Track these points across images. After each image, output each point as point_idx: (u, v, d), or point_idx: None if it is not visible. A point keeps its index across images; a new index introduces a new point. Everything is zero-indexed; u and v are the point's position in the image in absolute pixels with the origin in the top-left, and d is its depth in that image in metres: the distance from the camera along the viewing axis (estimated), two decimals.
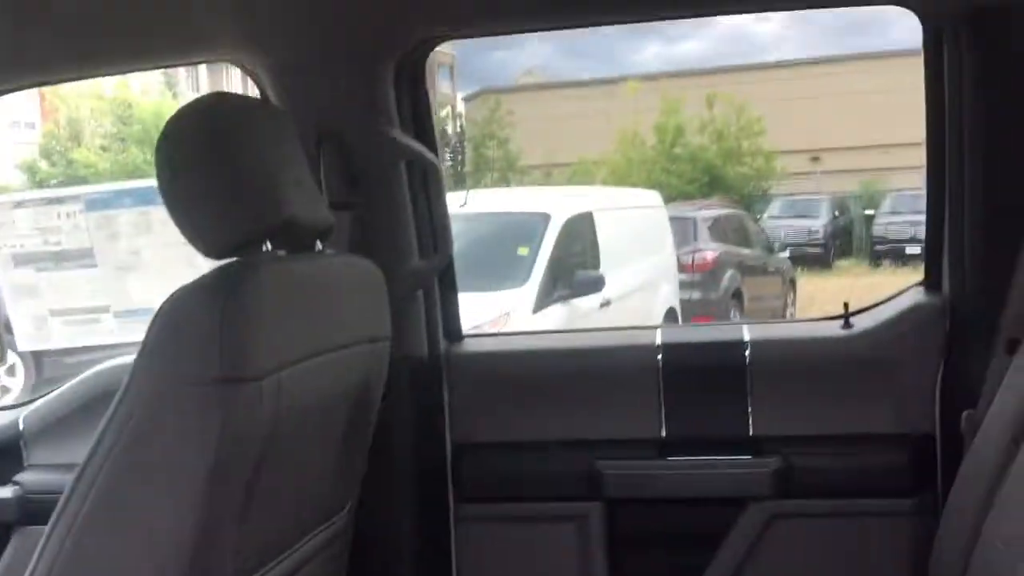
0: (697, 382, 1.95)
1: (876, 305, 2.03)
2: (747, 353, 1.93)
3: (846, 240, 18.18)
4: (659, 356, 1.96)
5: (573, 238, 6.96)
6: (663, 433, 1.94)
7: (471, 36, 2.10)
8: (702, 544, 1.93)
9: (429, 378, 2.01)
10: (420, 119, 1.99)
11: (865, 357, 1.91)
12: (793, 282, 11.36)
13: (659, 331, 2.01)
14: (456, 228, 2.01)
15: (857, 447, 1.90)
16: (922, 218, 1.98)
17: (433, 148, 1.98)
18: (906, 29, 1.88)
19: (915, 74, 1.91)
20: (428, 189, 1.98)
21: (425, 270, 1.98)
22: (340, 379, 1.54)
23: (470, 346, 2.12)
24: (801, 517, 1.90)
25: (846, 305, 1.98)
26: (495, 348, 2.23)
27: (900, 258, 14.40)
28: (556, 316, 6.25)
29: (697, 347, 2.01)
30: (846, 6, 2.05)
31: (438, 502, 2.00)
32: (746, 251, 10.52)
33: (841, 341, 1.94)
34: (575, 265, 6.88)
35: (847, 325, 1.95)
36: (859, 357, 1.91)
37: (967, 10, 1.75)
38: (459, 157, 25.55)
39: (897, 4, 1.84)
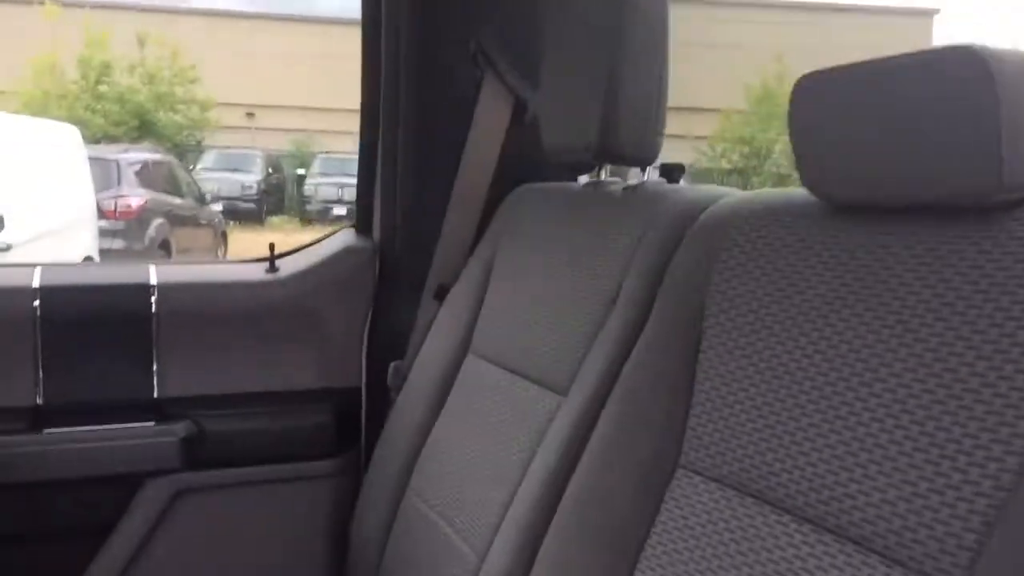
0: (88, 335, 1.57)
1: (305, 247, 1.84)
2: (153, 299, 1.60)
3: (279, 197, 18.37)
4: (36, 302, 1.54)
5: None
6: (39, 400, 1.54)
7: None
8: (87, 535, 1.57)
9: None
10: None
11: (291, 304, 1.71)
12: (225, 235, 11.06)
13: (38, 270, 1.59)
14: None
15: (280, 406, 1.69)
16: (349, 181, 1.85)
17: None
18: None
19: (350, 43, 1.78)
20: None
21: None
22: None
23: None
24: (213, 489, 1.64)
25: (272, 247, 1.77)
26: None
27: (328, 218, 14.92)
28: None
29: (89, 291, 1.62)
30: None
31: None
32: (176, 200, 9.94)
33: (265, 286, 1.71)
34: None
35: (272, 268, 1.74)
36: (285, 304, 1.71)
37: None
38: None
39: None
